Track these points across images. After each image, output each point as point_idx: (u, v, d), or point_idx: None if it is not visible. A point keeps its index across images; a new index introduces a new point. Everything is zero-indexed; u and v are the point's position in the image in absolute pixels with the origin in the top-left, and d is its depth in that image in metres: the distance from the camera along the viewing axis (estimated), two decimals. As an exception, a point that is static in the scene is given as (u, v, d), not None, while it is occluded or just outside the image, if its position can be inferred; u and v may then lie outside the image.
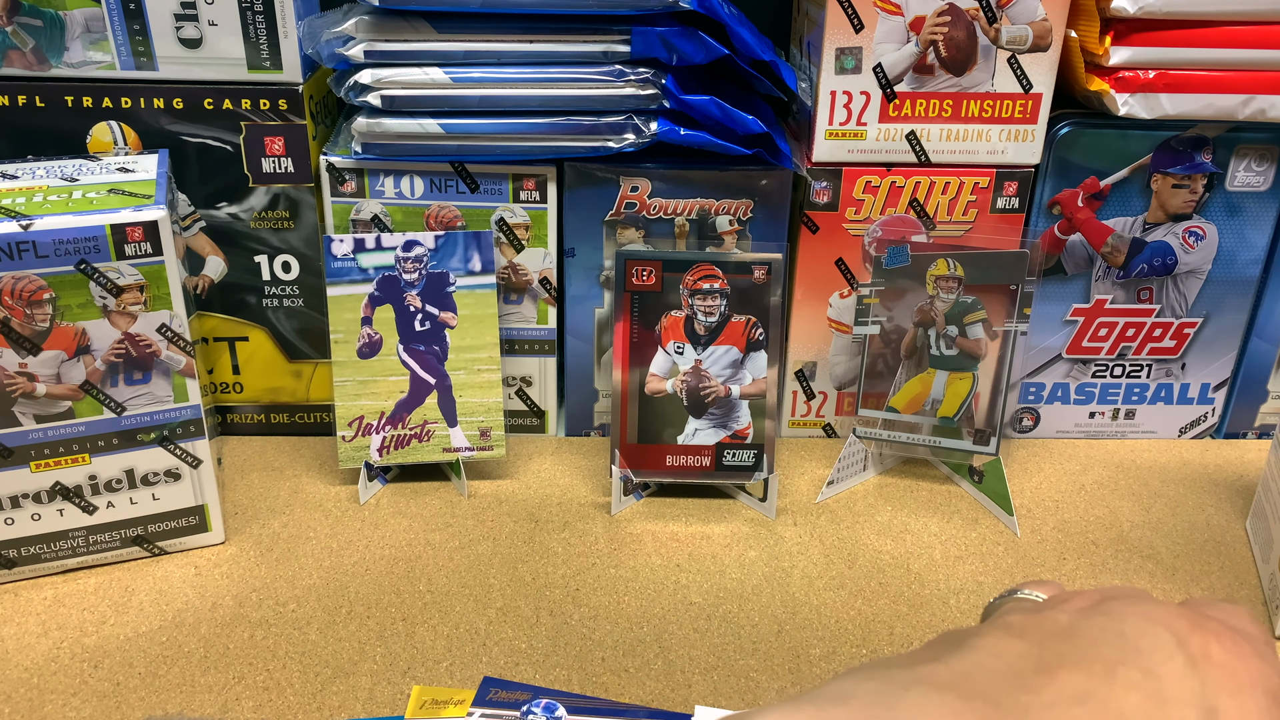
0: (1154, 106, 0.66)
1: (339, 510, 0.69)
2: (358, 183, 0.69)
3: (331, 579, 0.63)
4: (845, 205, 0.71)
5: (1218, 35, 0.65)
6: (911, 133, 0.69)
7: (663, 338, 0.68)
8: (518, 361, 0.76)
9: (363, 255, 0.68)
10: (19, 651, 0.57)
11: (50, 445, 0.59)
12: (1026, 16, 0.65)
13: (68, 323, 0.57)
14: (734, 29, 0.64)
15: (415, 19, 0.64)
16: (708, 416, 0.69)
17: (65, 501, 0.61)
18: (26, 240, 0.55)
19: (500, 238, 0.71)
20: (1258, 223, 0.72)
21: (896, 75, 0.67)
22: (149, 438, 0.61)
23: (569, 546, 0.66)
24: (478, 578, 0.63)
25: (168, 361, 0.60)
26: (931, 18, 0.65)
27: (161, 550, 0.64)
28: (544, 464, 0.75)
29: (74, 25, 0.64)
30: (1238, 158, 0.70)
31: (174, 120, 0.67)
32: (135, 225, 0.56)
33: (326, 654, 0.57)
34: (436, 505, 0.70)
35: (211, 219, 0.70)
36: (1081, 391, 0.78)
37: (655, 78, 0.65)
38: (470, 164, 0.69)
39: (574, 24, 0.64)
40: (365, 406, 0.69)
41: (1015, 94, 0.68)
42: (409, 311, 0.69)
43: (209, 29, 0.65)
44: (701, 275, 0.67)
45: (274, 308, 0.73)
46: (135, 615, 0.60)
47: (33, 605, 0.60)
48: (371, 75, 0.65)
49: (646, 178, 0.69)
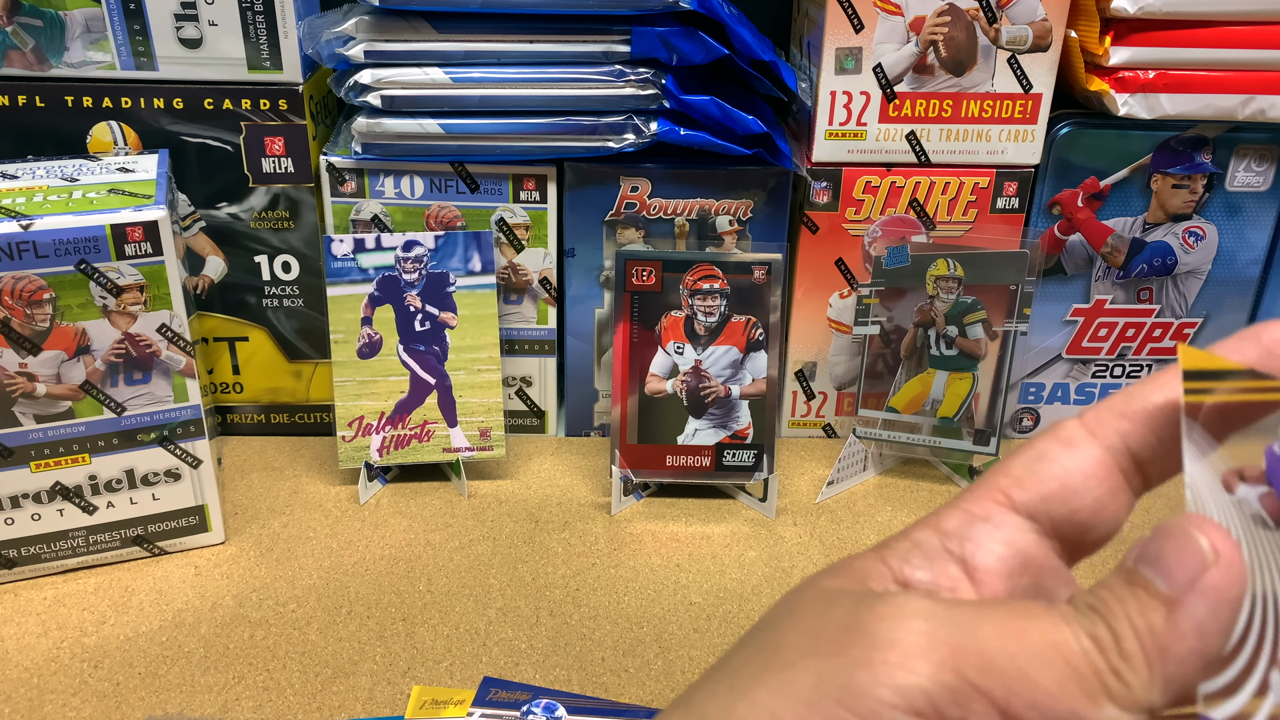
0: (1154, 106, 0.66)
1: (339, 510, 0.69)
2: (358, 183, 0.69)
3: (331, 579, 0.63)
4: (845, 205, 0.71)
5: (1218, 35, 0.64)
6: (911, 133, 0.69)
7: (663, 338, 0.68)
8: (518, 361, 0.76)
9: (363, 255, 0.68)
10: (19, 651, 0.57)
11: (50, 445, 0.59)
12: (1026, 16, 0.65)
13: (68, 323, 0.57)
14: (734, 29, 0.64)
15: (415, 19, 0.64)
16: (708, 416, 0.69)
17: (65, 501, 0.61)
18: (27, 240, 0.54)
19: (500, 238, 0.71)
20: (1257, 223, 0.72)
21: (896, 75, 0.67)
22: (149, 438, 0.61)
23: (569, 547, 0.66)
24: (478, 578, 0.63)
25: (168, 361, 0.60)
26: (931, 18, 0.65)
27: (161, 550, 0.64)
28: (544, 464, 0.75)
29: (74, 25, 0.64)
30: (1237, 158, 0.70)
31: (174, 120, 0.67)
32: (135, 225, 0.56)
33: (326, 654, 0.57)
34: (436, 505, 0.70)
35: (211, 219, 0.70)
36: (1081, 392, 0.78)
37: (655, 78, 0.65)
38: (470, 164, 0.69)
39: (574, 24, 0.64)
40: (365, 407, 0.69)
41: (1015, 94, 0.68)
42: (409, 312, 0.69)
43: (209, 29, 0.65)
44: (701, 275, 0.67)
45: (274, 308, 0.73)
46: (135, 615, 0.60)
47: (33, 605, 0.60)
48: (371, 75, 0.65)
49: (646, 178, 0.69)
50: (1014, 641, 0.22)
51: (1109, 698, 0.22)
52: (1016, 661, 0.22)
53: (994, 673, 0.22)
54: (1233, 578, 0.22)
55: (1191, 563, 0.22)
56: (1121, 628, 0.22)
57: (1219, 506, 0.23)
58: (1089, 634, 0.22)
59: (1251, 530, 0.23)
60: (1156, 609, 0.22)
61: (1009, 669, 0.22)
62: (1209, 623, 0.21)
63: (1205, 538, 0.22)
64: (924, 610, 0.23)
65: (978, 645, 0.22)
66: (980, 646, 0.22)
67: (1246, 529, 0.23)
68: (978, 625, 0.23)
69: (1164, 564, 0.22)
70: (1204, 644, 0.22)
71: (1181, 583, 0.22)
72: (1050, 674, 0.22)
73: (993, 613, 0.23)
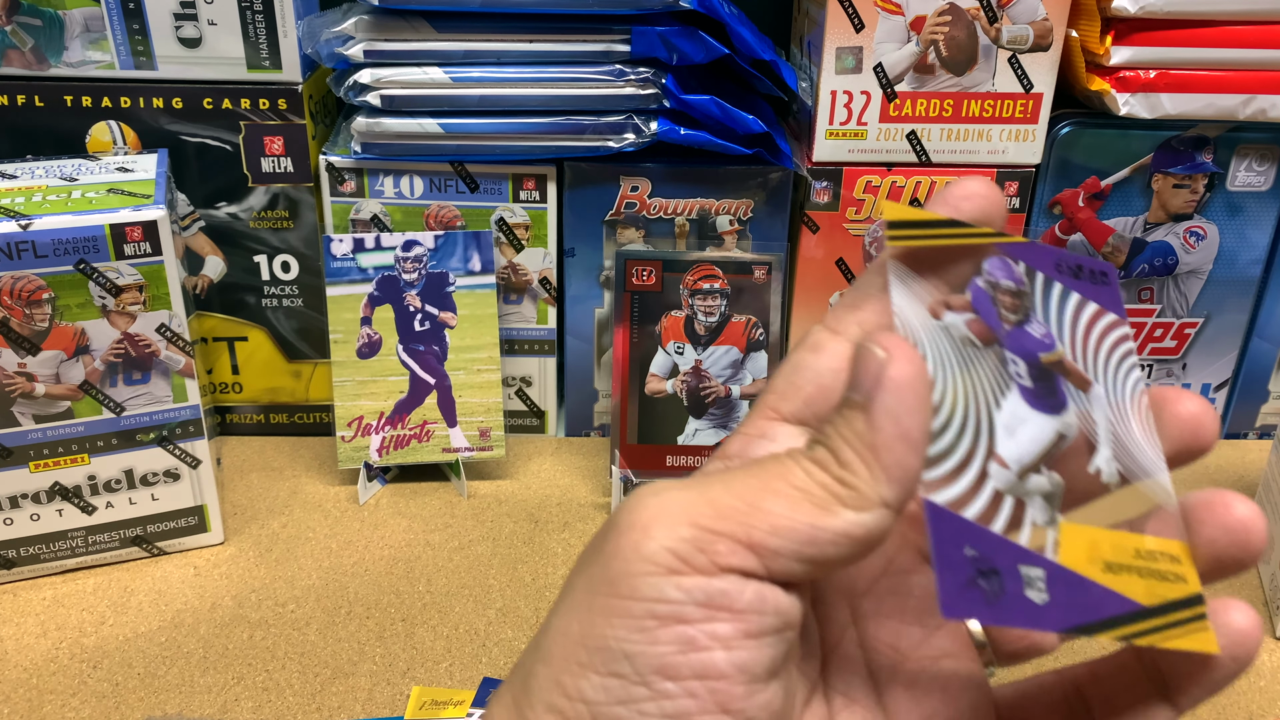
0: (1155, 106, 0.66)
1: (338, 511, 0.69)
2: (357, 182, 0.69)
3: (331, 579, 0.63)
4: (846, 205, 0.71)
5: (1219, 35, 0.64)
6: (912, 132, 0.69)
7: (663, 338, 0.68)
8: (517, 361, 0.75)
9: (362, 255, 0.68)
10: (18, 652, 0.57)
11: (49, 445, 0.59)
12: (1027, 16, 0.65)
13: (67, 323, 0.57)
14: (734, 28, 0.64)
15: (415, 18, 0.64)
16: (708, 417, 0.69)
17: (64, 502, 0.61)
18: (26, 240, 0.54)
19: (500, 237, 0.71)
20: (1259, 223, 0.72)
21: (897, 75, 0.67)
22: (148, 438, 0.61)
23: (569, 547, 0.66)
24: (477, 578, 0.63)
25: (167, 361, 0.60)
26: (932, 17, 0.65)
27: (160, 550, 0.64)
28: (544, 464, 0.75)
29: (73, 24, 0.64)
30: (1239, 157, 0.70)
31: (173, 120, 0.67)
32: (134, 225, 0.56)
33: (326, 655, 0.57)
34: (436, 506, 0.70)
35: (211, 219, 0.70)
36: (1082, 392, 0.78)
37: (655, 77, 0.65)
38: (470, 164, 0.69)
39: (574, 23, 0.64)
40: (364, 407, 0.69)
41: (1016, 94, 0.68)
42: (408, 311, 0.69)
43: (208, 28, 0.65)
44: (702, 275, 0.67)
45: (273, 308, 0.73)
46: (134, 616, 0.60)
47: (32, 606, 0.60)
48: (371, 75, 0.65)
49: (647, 177, 0.69)
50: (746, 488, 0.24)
51: (842, 504, 0.24)
52: (748, 499, 0.24)
53: (730, 515, 0.24)
54: (907, 366, 0.24)
55: (872, 367, 0.24)
56: (835, 443, 0.24)
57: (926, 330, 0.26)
58: (809, 458, 0.25)
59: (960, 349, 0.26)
60: (857, 416, 0.24)
61: (742, 507, 0.24)
62: (899, 409, 0.23)
63: (878, 346, 0.24)
64: (661, 491, 0.25)
65: (710, 500, 0.24)
66: (712, 499, 0.24)
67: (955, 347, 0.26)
68: (711, 488, 0.25)
69: (854, 380, 0.24)
70: (903, 428, 0.23)
71: (868, 386, 0.24)
72: (781, 502, 0.24)
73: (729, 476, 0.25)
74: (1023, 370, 0.27)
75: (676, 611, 0.23)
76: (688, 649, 0.23)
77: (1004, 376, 0.26)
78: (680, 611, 0.23)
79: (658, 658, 0.23)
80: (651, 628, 0.24)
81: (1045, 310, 0.27)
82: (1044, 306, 0.27)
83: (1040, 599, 0.24)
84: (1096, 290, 0.28)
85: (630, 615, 0.24)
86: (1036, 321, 0.27)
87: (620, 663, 0.24)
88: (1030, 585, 0.24)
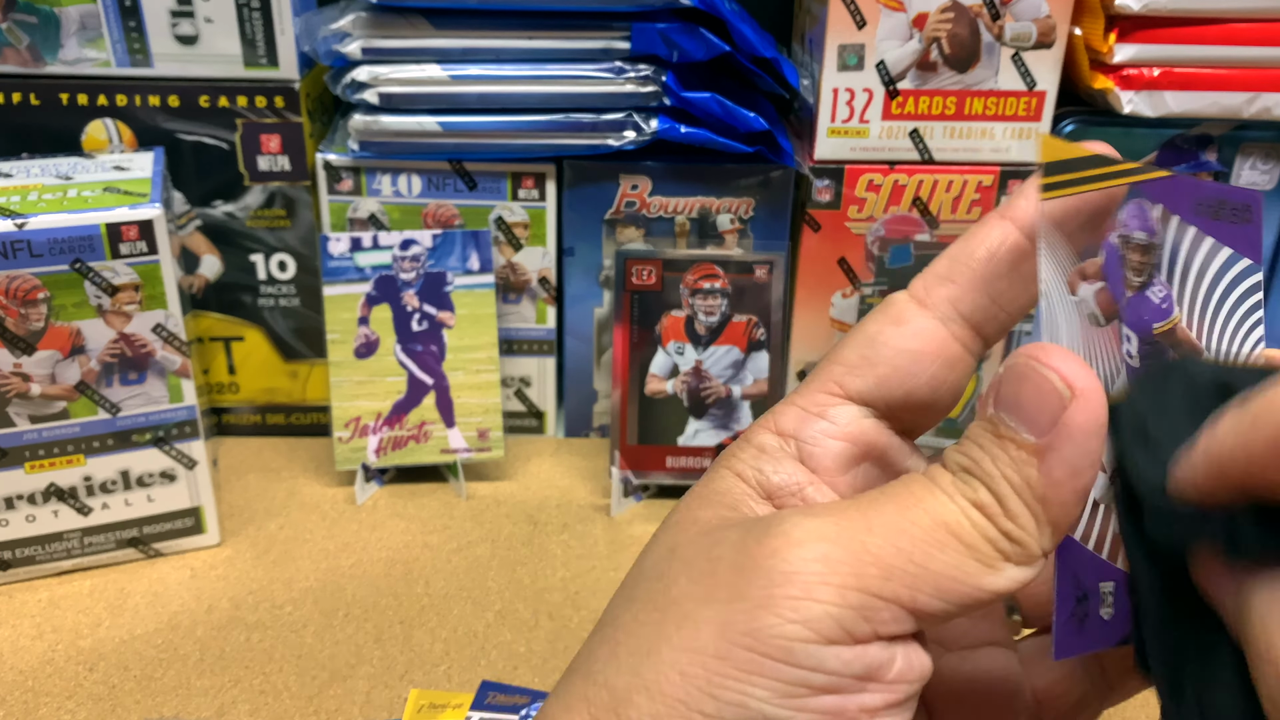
0: (1159, 104, 0.66)
1: (336, 512, 0.69)
2: (355, 181, 0.69)
3: (328, 581, 0.62)
4: (848, 204, 0.70)
5: (1223, 33, 0.64)
6: (914, 130, 0.68)
7: (663, 338, 0.68)
8: (516, 362, 0.75)
9: (360, 254, 0.67)
10: (13, 654, 0.56)
11: (45, 446, 0.59)
12: (1030, 13, 0.65)
13: (62, 322, 0.57)
14: (735, 25, 0.63)
15: (413, 16, 0.63)
16: (708, 417, 0.68)
17: (60, 503, 0.60)
18: (21, 239, 0.54)
19: (499, 236, 0.71)
20: (1262, 221, 0.71)
21: (899, 72, 0.66)
22: (144, 439, 0.61)
23: (568, 549, 0.66)
24: (476, 580, 0.63)
25: (163, 362, 0.59)
26: (935, 14, 0.65)
27: (157, 552, 0.64)
28: (543, 465, 0.74)
29: (69, 22, 0.64)
30: (1242, 156, 0.69)
31: (169, 118, 0.66)
32: (130, 224, 0.56)
33: (323, 657, 0.57)
34: (434, 507, 0.69)
35: (207, 217, 0.70)
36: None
37: (655, 75, 0.65)
38: (468, 162, 0.68)
39: (573, 20, 0.64)
40: (362, 407, 0.69)
41: (1019, 91, 0.67)
42: (406, 311, 0.68)
43: (205, 26, 0.64)
44: (702, 275, 0.67)
45: (270, 307, 0.72)
46: (130, 618, 0.59)
47: (27, 608, 0.60)
48: (369, 72, 0.64)
49: (647, 176, 0.69)
50: (905, 537, 0.22)
51: (1006, 560, 0.22)
52: (913, 557, 0.22)
53: (895, 577, 0.22)
54: (1092, 410, 0.21)
55: (1050, 405, 0.21)
56: (1001, 489, 0.22)
57: (1065, 313, 0.23)
58: (973, 503, 0.22)
59: (1087, 331, 0.23)
60: (1028, 461, 0.21)
61: (908, 568, 0.22)
62: (1079, 460, 0.21)
63: (1056, 374, 0.21)
64: (812, 533, 0.23)
65: (873, 554, 0.22)
66: (875, 555, 0.22)
67: (1085, 331, 0.23)
68: (868, 532, 0.22)
69: (1024, 412, 0.22)
70: (1078, 481, 0.21)
71: (1045, 428, 0.21)
72: (947, 558, 0.22)
73: (877, 512, 0.23)
74: (1134, 349, 0.24)
75: (833, 683, 0.22)
76: (835, 719, 0.22)
77: (1117, 361, 0.24)
78: (836, 683, 0.22)
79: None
80: (802, 695, 0.22)
81: (1173, 264, 0.24)
82: (1172, 259, 0.24)
83: (1108, 615, 0.23)
84: (1233, 231, 0.25)
85: (780, 679, 0.22)
86: (1159, 283, 0.24)
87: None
88: (1103, 602, 0.23)
